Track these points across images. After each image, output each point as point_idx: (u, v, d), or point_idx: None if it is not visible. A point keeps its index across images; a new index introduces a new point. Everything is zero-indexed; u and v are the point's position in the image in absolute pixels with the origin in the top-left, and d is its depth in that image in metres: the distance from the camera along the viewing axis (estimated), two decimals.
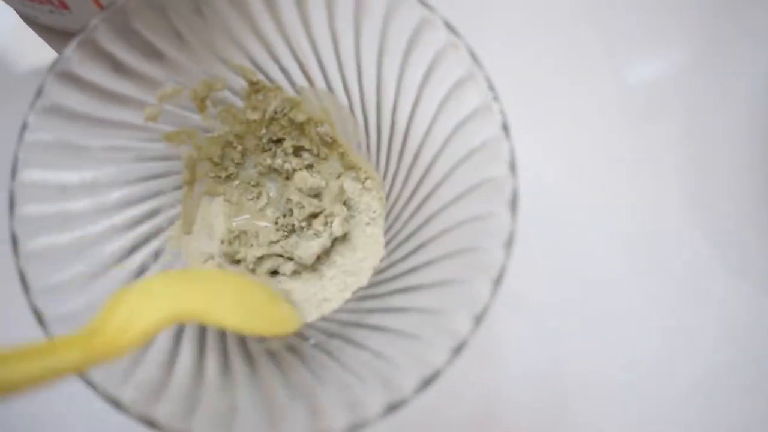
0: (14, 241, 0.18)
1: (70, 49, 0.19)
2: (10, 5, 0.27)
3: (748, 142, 0.31)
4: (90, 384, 0.17)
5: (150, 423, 0.17)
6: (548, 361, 0.27)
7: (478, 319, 0.17)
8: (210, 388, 0.19)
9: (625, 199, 0.30)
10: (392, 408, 0.17)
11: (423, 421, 0.26)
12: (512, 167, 0.18)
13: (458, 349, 0.17)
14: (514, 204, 0.18)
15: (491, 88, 0.19)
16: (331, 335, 0.21)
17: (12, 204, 0.18)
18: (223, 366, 0.19)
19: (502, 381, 0.27)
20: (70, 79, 0.20)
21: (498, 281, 0.17)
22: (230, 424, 0.17)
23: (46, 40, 0.29)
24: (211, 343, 0.20)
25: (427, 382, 0.17)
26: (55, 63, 0.19)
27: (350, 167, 0.26)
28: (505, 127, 0.18)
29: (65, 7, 0.25)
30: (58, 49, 0.29)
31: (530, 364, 0.27)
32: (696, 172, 0.30)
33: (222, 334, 0.21)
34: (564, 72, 0.32)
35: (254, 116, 0.24)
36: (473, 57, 0.19)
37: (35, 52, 0.29)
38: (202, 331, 0.21)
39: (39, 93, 0.19)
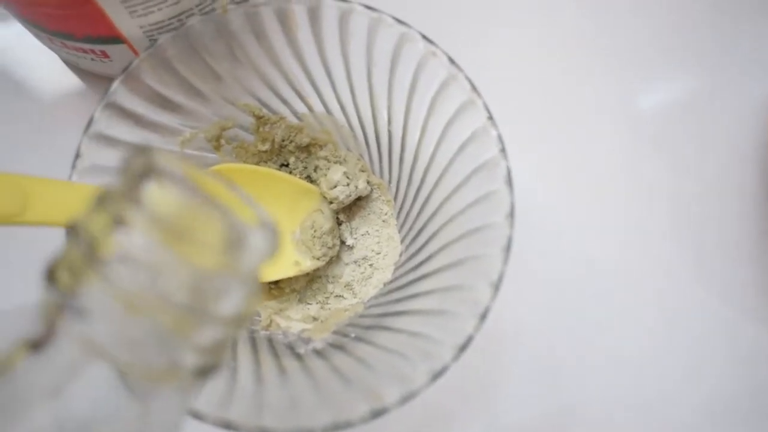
0: None
1: (98, 112, 0.22)
2: (55, 52, 0.29)
3: (757, 169, 0.31)
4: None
5: (226, 425, 0.19)
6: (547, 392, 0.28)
7: (496, 286, 0.20)
8: (271, 387, 0.21)
9: (629, 224, 0.31)
10: (436, 375, 0.19)
11: None
12: (509, 183, 0.20)
13: (483, 316, 0.20)
14: (511, 215, 0.20)
15: (487, 109, 0.21)
16: (369, 327, 0.23)
17: None
18: (278, 368, 0.22)
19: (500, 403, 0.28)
20: (102, 138, 0.22)
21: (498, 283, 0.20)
22: (296, 415, 0.19)
23: (84, 81, 0.32)
24: (264, 349, 0.23)
25: (462, 348, 0.19)
26: (88, 126, 0.22)
27: None
28: (502, 147, 0.21)
29: (106, 56, 0.27)
30: (94, 87, 0.31)
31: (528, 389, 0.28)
32: (695, 199, 0.31)
33: (270, 342, 0.23)
34: (572, 95, 0.33)
35: (264, 147, 0.27)
36: (452, 61, 0.22)
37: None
38: (253, 341, 0.23)
39: (77, 155, 0.22)
